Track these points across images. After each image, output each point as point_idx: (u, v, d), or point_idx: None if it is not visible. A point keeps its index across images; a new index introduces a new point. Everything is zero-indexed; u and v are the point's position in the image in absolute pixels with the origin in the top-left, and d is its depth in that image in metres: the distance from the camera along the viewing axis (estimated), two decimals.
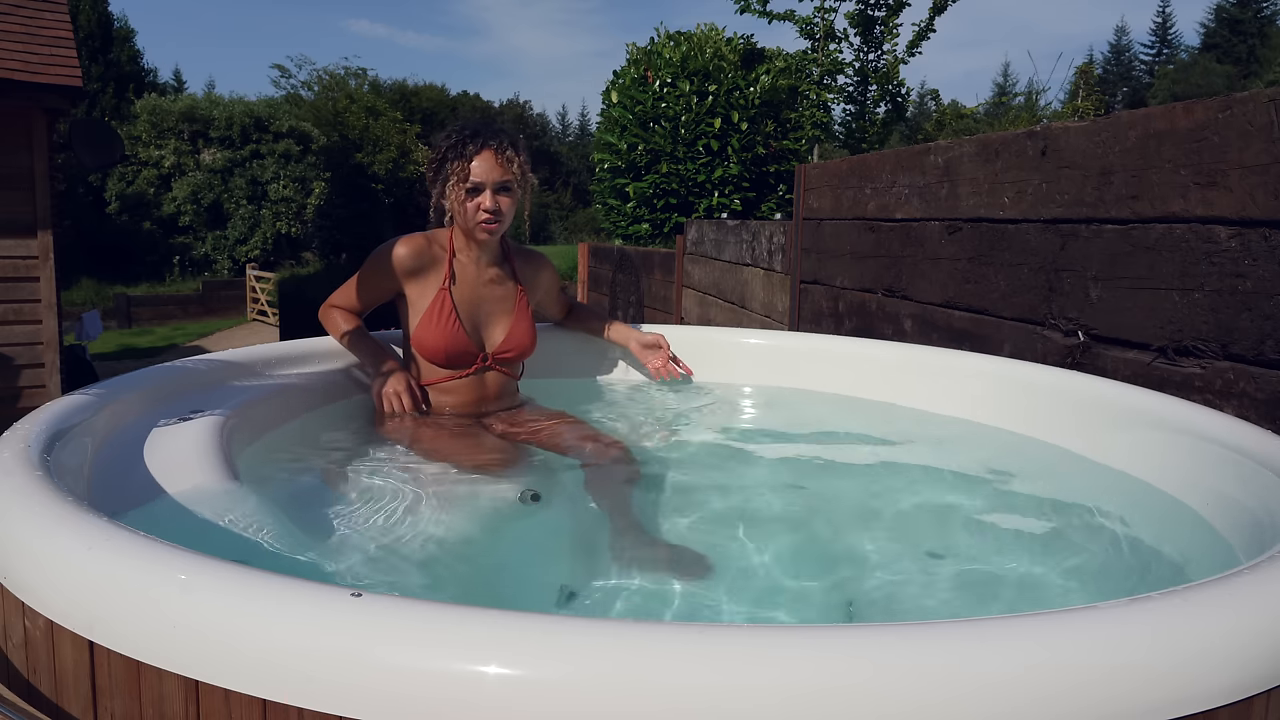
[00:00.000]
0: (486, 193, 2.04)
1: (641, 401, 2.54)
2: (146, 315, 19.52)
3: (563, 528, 1.69)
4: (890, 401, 2.37)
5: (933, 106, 13.31)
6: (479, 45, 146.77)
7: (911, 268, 3.19)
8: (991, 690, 0.76)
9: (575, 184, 38.40)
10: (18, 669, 1.01)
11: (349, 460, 1.88)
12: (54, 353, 6.75)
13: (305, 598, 0.83)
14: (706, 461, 2.11)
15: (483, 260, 2.17)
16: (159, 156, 23.66)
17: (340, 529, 1.50)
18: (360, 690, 0.77)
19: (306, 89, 27.72)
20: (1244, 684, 0.82)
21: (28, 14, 6.90)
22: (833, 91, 8.55)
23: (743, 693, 0.74)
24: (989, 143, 2.75)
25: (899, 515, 1.74)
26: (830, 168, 3.96)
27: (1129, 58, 52.47)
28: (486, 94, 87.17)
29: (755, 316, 4.98)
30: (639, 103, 9.09)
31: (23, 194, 6.53)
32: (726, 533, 1.63)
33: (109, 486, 1.39)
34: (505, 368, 2.20)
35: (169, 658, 0.85)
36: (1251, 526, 1.32)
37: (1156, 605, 0.85)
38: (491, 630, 0.78)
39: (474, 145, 2.03)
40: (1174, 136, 2.02)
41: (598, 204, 10.53)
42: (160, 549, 0.92)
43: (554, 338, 2.52)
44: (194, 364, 1.99)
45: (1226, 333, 1.87)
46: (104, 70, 25.41)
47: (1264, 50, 40.69)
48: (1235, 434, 1.53)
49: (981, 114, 13.72)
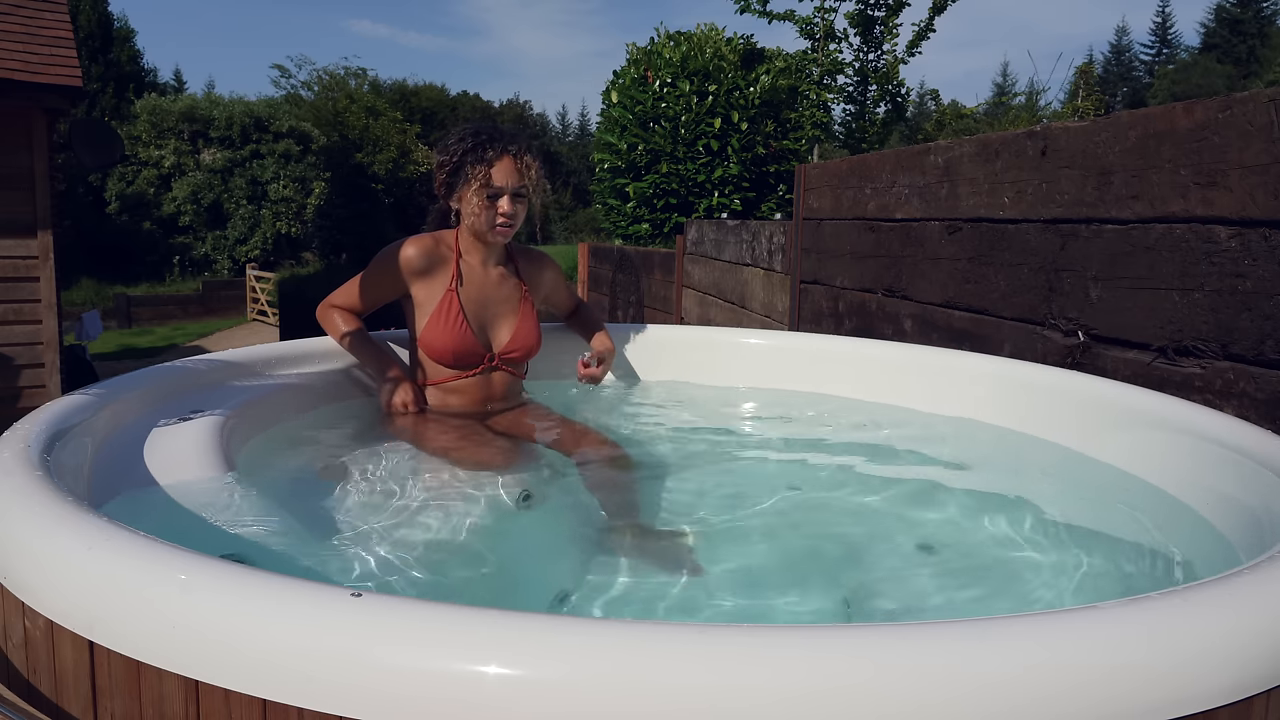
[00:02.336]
0: (505, 198, 2.05)
1: (642, 402, 2.54)
2: (146, 315, 19.53)
3: (562, 528, 1.69)
4: (890, 402, 2.36)
5: (933, 106, 13.31)
6: (480, 45, 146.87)
7: (911, 268, 3.19)
8: (991, 690, 0.76)
9: (575, 184, 38.39)
10: (18, 669, 1.01)
11: (349, 460, 1.88)
12: (54, 353, 6.75)
13: (305, 598, 0.83)
14: (706, 461, 2.11)
15: (488, 261, 2.18)
16: (159, 156, 23.66)
17: (340, 529, 1.50)
18: (360, 690, 0.77)
19: (306, 89, 27.73)
20: (1244, 684, 0.82)
21: (28, 14, 6.90)
22: (833, 91, 8.55)
23: (742, 693, 0.74)
24: (989, 143, 2.75)
25: (898, 515, 1.73)
26: (830, 168, 3.96)
27: (1129, 58, 52.48)
28: (487, 94, 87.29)
29: (755, 316, 4.98)
30: (639, 103, 9.09)
31: (23, 194, 6.53)
32: (726, 533, 1.63)
33: (109, 487, 1.39)
34: (511, 367, 2.20)
35: (169, 658, 0.85)
36: (1251, 526, 1.32)
37: (1156, 605, 0.85)
38: (491, 630, 0.78)
39: (494, 151, 2.04)
40: (1174, 136, 2.01)
41: (598, 204, 10.53)
42: (160, 549, 0.92)
43: (556, 339, 2.52)
44: (194, 364, 1.99)
45: (1226, 333, 1.87)
46: (104, 70, 25.41)
47: (1264, 50, 40.69)
48: (1235, 434, 1.53)
49: (981, 114, 13.71)
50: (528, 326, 2.20)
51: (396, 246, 2.13)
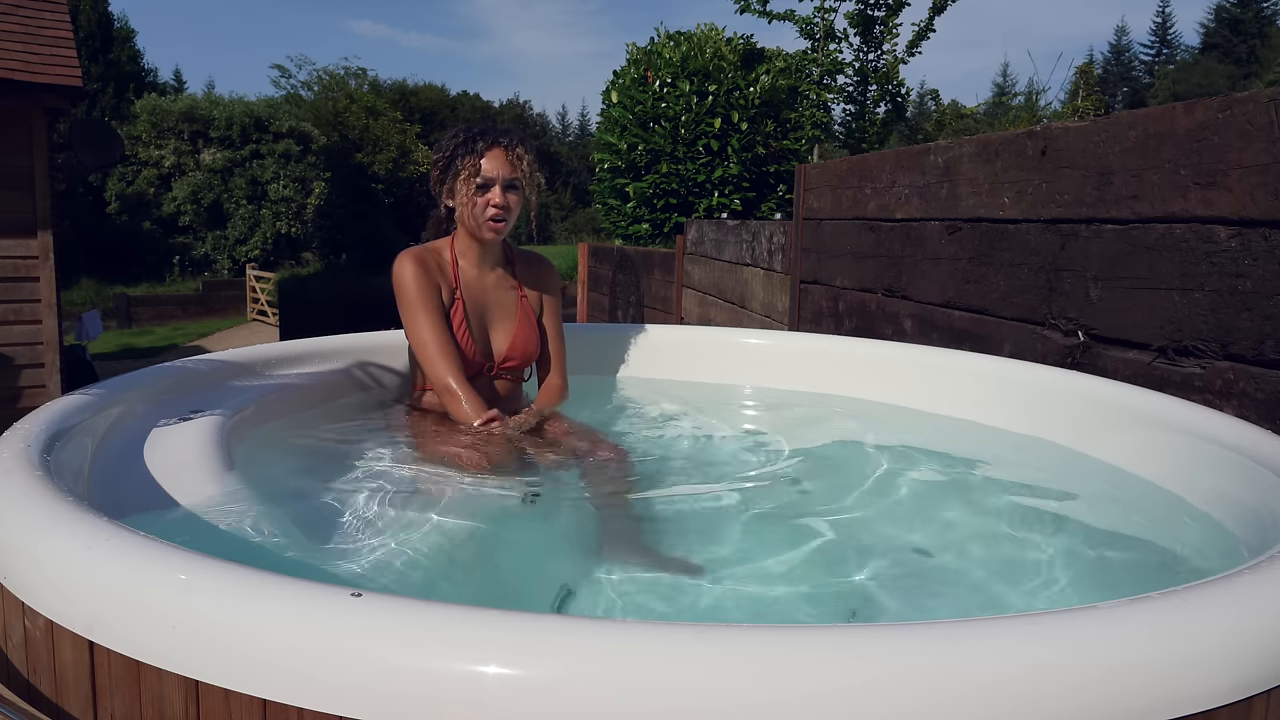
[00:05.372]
0: (496, 189, 2.03)
1: (641, 402, 2.54)
2: (146, 315, 19.53)
3: (562, 528, 1.69)
4: (890, 401, 2.36)
5: (933, 106, 13.31)
6: (481, 46, 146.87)
7: (911, 268, 3.19)
8: (991, 690, 0.76)
9: (575, 184, 38.41)
10: (18, 669, 1.01)
11: (350, 461, 1.88)
12: (54, 353, 6.75)
13: (305, 598, 0.83)
14: (706, 462, 2.11)
15: (485, 264, 2.16)
16: (159, 156, 23.66)
17: (341, 529, 1.50)
18: (360, 690, 0.77)
19: (306, 89, 27.76)
20: (1244, 684, 0.82)
21: (28, 14, 6.90)
22: (833, 91, 8.55)
23: (742, 693, 0.74)
24: (989, 143, 2.75)
25: (898, 515, 1.73)
26: (830, 168, 3.96)
27: (1129, 58, 52.48)
28: (487, 94, 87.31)
29: (755, 316, 4.98)
30: (639, 103, 9.09)
31: (23, 194, 6.53)
32: (725, 532, 1.63)
33: (109, 486, 1.39)
34: (510, 375, 2.20)
35: (169, 658, 0.85)
36: (1252, 526, 1.32)
37: (1156, 605, 0.85)
38: (491, 630, 0.78)
39: (484, 142, 2.03)
40: (1174, 136, 2.01)
41: (598, 204, 10.53)
42: (160, 549, 0.92)
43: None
44: (194, 364, 1.99)
45: (1226, 333, 1.87)
46: (104, 70, 25.41)
47: (1264, 50, 40.68)
48: (1235, 434, 1.53)
49: (981, 114, 13.72)
50: (525, 333, 2.18)
51: (406, 270, 2.04)
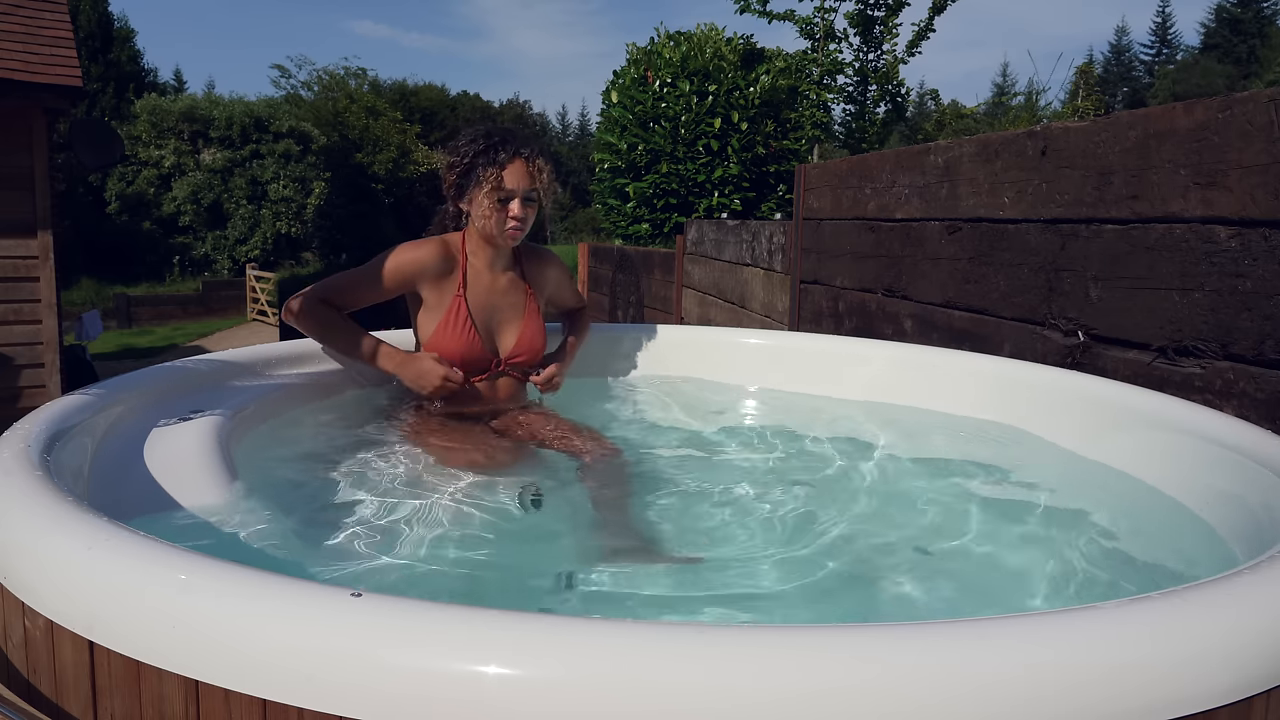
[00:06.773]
0: (516, 201, 2.04)
1: (641, 402, 2.54)
2: (146, 315, 19.53)
3: (561, 528, 1.69)
4: (890, 401, 2.36)
5: (932, 106, 13.31)
6: (481, 46, 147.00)
7: (911, 268, 3.19)
8: (991, 690, 0.76)
9: (575, 184, 38.41)
10: (18, 669, 1.01)
11: (350, 460, 1.88)
12: (54, 353, 6.76)
13: (305, 598, 0.83)
14: (706, 462, 2.11)
15: (496, 265, 2.17)
16: (159, 156, 23.67)
17: (341, 529, 1.50)
18: (360, 690, 0.77)
19: (306, 89, 27.76)
20: (1244, 684, 0.82)
21: (28, 14, 6.90)
22: (832, 91, 8.55)
23: (742, 693, 0.74)
24: (989, 143, 2.75)
25: (898, 515, 1.73)
26: (830, 168, 3.96)
27: (1129, 58, 52.49)
28: (487, 94, 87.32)
29: (755, 316, 4.98)
30: (639, 103, 9.09)
31: (23, 194, 6.53)
32: (725, 532, 1.63)
33: (109, 486, 1.39)
34: (517, 372, 2.20)
35: (169, 658, 0.85)
36: (1251, 526, 1.32)
37: (1156, 605, 0.85)
38: (491, 630, 0.78)
39: (506, 153, 2.02)
40: (1174, 136, 2.01)
41: (598, 204, 10.53)
42: (160, 549, 0.92)
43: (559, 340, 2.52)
44: (194, 364, 1.99)
45: (1226, 333, 1.87)
46: (104, 70, 25.43)
47: (1264, 50, 40.69)
48: (1235, 434, 1.53)
49: (981, 114, 13.71)
50: (532, 330, 2.20)
51: (408, 250, 2.08)
